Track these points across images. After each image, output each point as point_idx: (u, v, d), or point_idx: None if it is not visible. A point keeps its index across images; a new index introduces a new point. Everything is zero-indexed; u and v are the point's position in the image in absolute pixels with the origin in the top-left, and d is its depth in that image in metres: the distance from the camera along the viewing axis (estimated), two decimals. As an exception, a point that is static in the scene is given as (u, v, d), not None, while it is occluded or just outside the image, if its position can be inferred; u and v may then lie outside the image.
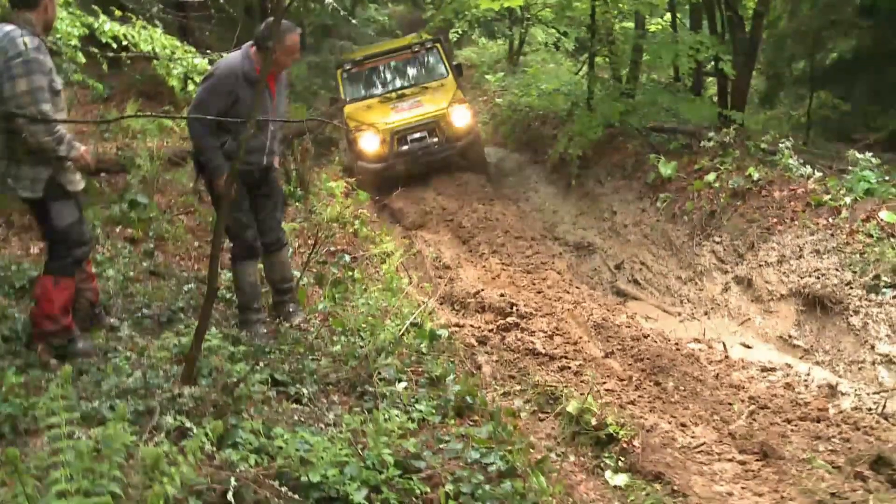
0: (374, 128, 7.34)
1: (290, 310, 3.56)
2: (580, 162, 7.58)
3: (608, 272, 6.05)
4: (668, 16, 9.59)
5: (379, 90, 7.97)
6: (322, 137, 8.38)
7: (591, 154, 7.75)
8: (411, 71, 8.18)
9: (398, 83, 8.06)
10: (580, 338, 3.97)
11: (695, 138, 6.72)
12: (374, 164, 7.36)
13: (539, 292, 4.91)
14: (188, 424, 2.03)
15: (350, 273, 4.35)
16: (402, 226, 6.72)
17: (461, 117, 7.50)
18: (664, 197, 6.27)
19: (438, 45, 8.20)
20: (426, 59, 8.16)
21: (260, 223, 3.35)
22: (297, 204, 5.83)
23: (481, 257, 5.81)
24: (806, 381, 3.56)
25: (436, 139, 7.40)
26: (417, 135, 7.38)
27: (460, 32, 9.30)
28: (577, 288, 5.17)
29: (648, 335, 4.13)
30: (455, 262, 5.62)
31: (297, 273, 3.93)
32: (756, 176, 5.38)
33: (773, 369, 3.72)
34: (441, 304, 4.62)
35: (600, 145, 7.69)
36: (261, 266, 3.47)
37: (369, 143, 7.35)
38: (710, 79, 9.16)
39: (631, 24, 9.20)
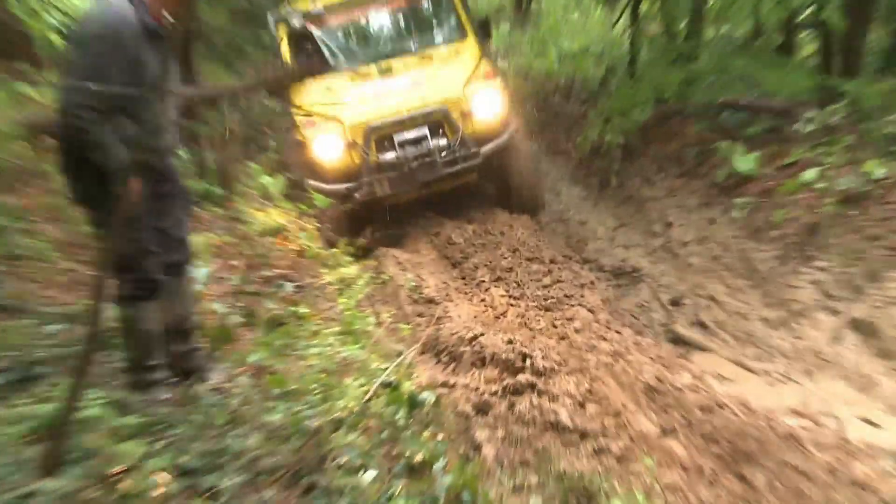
0: (337, 123, 6.59)
1: (203, 363, 3.54)
2: (621, 153, 7.62)
3: (662, 310, 6.04)
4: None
5: (349, 60, 7.14)
6: (254, 117, 8.33)
7: (636, 141, 7.80)
8: (404, 29, 7.44)
9: (382, 48, 7.27)
10: (624, 406, 3.95)
11: (786, 119, 6.77)
12: (338, 184, 6.59)
13: (563, 338, 4.93)
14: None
15: (294, 309, 4.40)
16: (366, 241, 6.73)
17: (489, 104, 6.70)
18: (742, 203, 6.31)
19: None
20: (430, 9, 7.44)
21: (164, 234, 3.32)
22: (215, 209, 5.86)
23: (479, 287, 5.82)
24: (967, 478, 3.51)
25: (444, 142, 6.61)
26: (412, 134, 6.59)
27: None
28: (617, 332, 5.19)
29: (724, 404, 4.09)
30: (442, 293, 5.65)
31: (219, 308, 3.91)
32: (878, 174, 5.40)
33: (915, 459, 3.67)
34: (423, 353, 4.62)
35: (649, 129, 7.77)
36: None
37: (329, 149, 6.61)
38: (808, 33, 9.23)
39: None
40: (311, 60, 7.17)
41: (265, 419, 3.05)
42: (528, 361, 4.25)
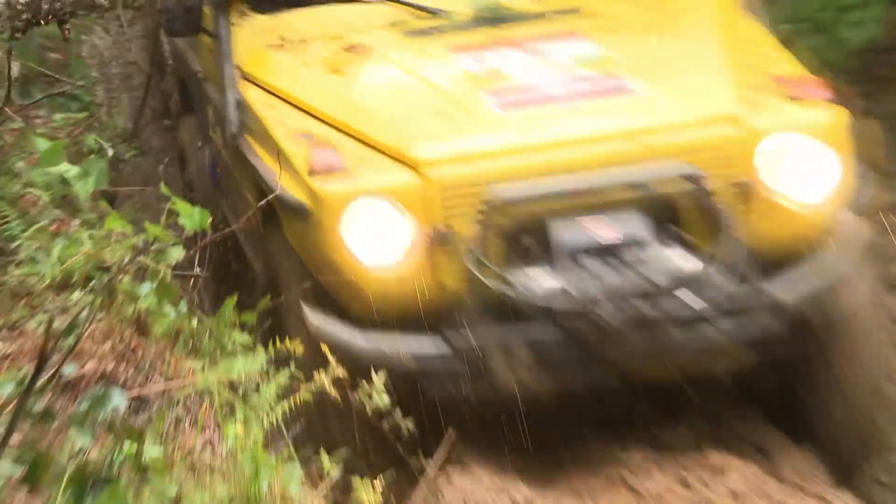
0: (396, 166, 5.85)
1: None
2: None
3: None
4: None
5: None
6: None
7: (850, 89, 7.82)
8: None
9: None
10: None
11: None
12: (387, 339, 5.71)
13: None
14: None
15: (129, 446, 4.27)
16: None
17: (811, 172, 5.81)
18: None
19: None
20: None
21: None
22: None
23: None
24: None
25: (686, 259, 5.67)
26: (606, 231, 5.71)
27: None
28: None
29: None
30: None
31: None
32: None
33: None
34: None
35: (880, 62, 7.89)
36: None
37: (372, 241, 5.77)
38: None
39: None
40: None
41: None
42: None
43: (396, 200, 5.60)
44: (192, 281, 6.67)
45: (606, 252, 5.58)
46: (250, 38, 6.70)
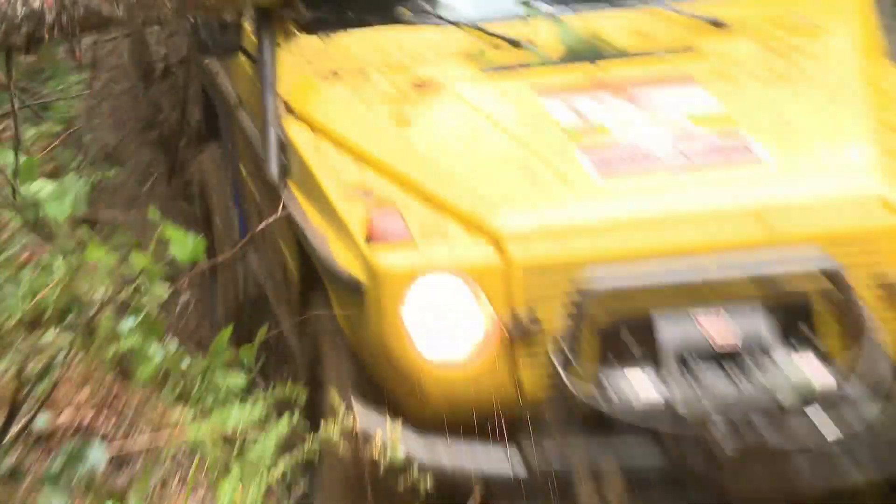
0: (472, 233, 5.32)
1: None
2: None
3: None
4: None
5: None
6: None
7: None
8: None
9: None
10: None
11: None
12: (451, 446, 5.25)
13: None
14: None
15: None
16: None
17: None
18: None
19: None
20: None
21: None
22: None
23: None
24: None
25: (819, 370, 5.16)
26: (724, 334, 5.16)
27: None
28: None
29: None
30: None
31: None
32: None
33: None
34: None
35: None
36: None
37: (439, 328, 5.30)
38: None
39: None
40: None
41: None
42: None
43: (472, 281, 5.01)
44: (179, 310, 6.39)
45: (722, 357, 4.98)
46: (298, 63, 6.20)
